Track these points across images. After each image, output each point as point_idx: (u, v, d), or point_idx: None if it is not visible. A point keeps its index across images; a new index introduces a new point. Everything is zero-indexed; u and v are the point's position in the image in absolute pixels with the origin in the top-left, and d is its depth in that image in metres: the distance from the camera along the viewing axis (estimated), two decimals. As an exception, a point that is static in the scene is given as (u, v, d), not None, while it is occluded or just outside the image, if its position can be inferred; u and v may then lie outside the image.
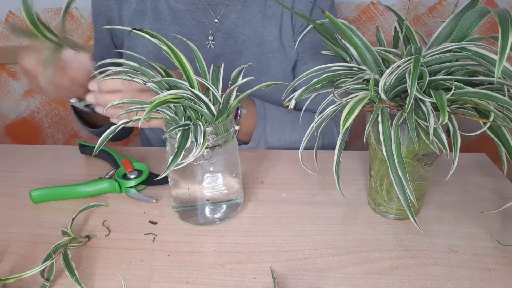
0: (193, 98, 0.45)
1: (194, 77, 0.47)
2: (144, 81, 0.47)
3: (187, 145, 0.42)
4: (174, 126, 0.43)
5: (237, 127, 0.65)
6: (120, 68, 0.47)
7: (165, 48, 0.46)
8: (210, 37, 0.75)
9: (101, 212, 0.54)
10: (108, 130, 0.44)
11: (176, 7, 0.73)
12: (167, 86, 0.47)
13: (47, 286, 0.42)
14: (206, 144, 0.42)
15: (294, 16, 0.75)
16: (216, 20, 0.74)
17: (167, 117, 0.46)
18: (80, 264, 0.45)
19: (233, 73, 0.50)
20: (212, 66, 0.51)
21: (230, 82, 0.50)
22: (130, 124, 0.45)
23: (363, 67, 0.45)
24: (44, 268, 0.43)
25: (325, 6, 0.75)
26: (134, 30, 0.46)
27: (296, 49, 0.76)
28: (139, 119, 0.43)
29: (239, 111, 0.65)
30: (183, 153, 0.41)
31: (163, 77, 0.48)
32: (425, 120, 0.38)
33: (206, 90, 0.48)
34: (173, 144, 0.44)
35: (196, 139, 0.42)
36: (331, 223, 0.52)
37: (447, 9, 1.13)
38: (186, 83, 0.46)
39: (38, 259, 0.45)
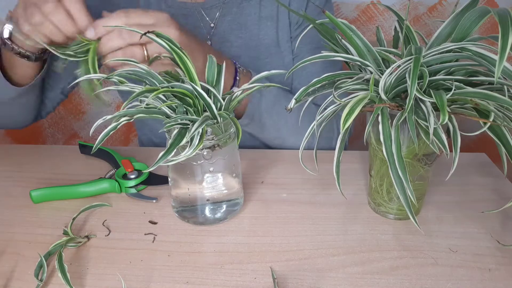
0: (198, 97, 0.45)
1: (198, 80, 0.47)
2: (147, 83, 0.47)
3: (181, 143, 0.42)
4: (173, 123, 0.43)
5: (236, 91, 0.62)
6: (127, 69, 0.47)
7: (167, 48, 0.46)
8: (208, 42, 0.73)
9: (101, 212, 0.54)
10: (110, 127, 0.43)
11: (169, 11, 0.71)
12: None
13: (39, 286, 0.42)
14: (201, 146, 0.42)
15: (291, 13, 0.74)
16: (212, 25, 0.73)
17: (165, 117, 0.46)
18: (80, 264, 0.45)
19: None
20: None
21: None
22: (135, 116, 0.44)
23: (366, 62, 0.45)
24: (41, 269, 0.43)
25: (320, 1, 0.75)
26: (147, 35, 0.46)
27: (293, 46, 0.75)
28: (141, 112, 0.43)
29: (237, 71, 0.62)
30: (175, 150, 0.41)
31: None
32: (425, 120, 0.39)
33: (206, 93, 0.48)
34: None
35: (192, 140, 0.42)
36: (331, 223, 0.52)
37: (447, 9, 1.13)
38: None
39: (37, 259, 0.45)
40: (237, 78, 0.62)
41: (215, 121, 0.45)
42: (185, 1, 0.72)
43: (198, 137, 0.42)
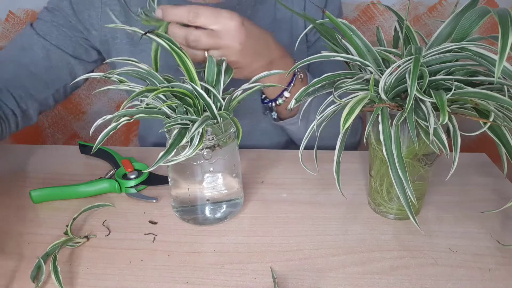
0: (198, 97, 0.45)
1: (198, 80, 0.47)
2: (148, 83, 0.47)
3: (182, 143, 0.42)
4: (173, 123, 0.43)
5: (287, 95, 0.62)
6: (127, 68, 0.47)
7: (168, 48, 0.46)
8: None
9: (101, 212, 0.54)
10: (109, 127, 0.43)
11: None
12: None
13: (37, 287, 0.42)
14: (201, 146, 0.42)
15: (308, 25, 0.74)
16: None
17: (165, 117, 0.46)
18: (79, 264, 0.45)
19: None
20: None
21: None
22: (135, 116, 0.44)
23: (366, 62, 0.45)
24: (38, 269, 0.43)
25: (334, 9, 0.75)
26: (148, 34, 0.45)
27: (309, 51, 0.75)
28: (140, 112, 0.43)
29: (295, 76, 0.61)
30: (175, 150, 0.41)
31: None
32: (425, 120, 0.39)
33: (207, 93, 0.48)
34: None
35: (192, 140, 0.42)
36: (331, 223, 0.52)
37: (447, 9, 1.13)
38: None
39: (37, 259, 0.45)
40: (292, 84, 0.62)
41: (215, 121, 0.45)
42: (197, 2, 0.72)
43: (198, 137, 0.42)
